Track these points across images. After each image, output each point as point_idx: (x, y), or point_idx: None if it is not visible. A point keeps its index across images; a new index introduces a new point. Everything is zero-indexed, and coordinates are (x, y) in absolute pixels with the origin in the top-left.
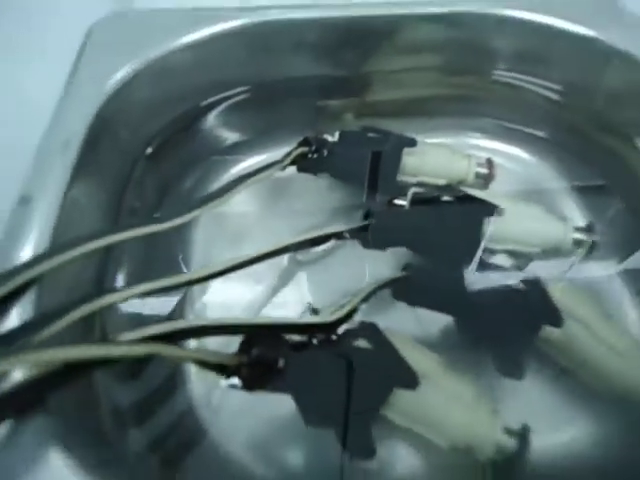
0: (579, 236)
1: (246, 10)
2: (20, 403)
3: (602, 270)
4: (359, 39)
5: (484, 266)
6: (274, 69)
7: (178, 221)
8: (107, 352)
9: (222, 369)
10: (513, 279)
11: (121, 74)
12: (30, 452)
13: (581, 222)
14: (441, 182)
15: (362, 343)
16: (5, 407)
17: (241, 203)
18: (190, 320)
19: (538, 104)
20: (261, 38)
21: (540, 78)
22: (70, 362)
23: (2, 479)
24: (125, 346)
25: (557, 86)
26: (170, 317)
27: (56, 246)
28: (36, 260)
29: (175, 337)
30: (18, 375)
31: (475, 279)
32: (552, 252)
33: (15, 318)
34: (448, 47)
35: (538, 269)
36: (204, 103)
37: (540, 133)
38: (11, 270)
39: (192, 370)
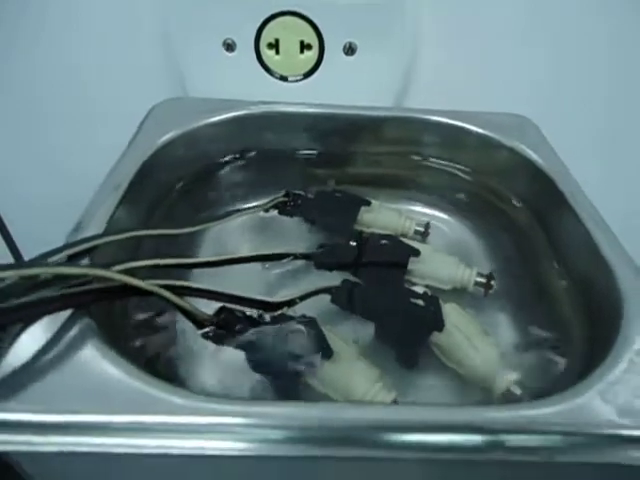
0: (480, 279)
1: (260, 103)
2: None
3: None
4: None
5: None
6: (275, 143)
7: (188, 230)
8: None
9: (198, 322)
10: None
11: (165, 138)
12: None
13: (485, 270)
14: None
15: (299, 326)
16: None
17: (235, 230)
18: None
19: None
20: (267, 121)
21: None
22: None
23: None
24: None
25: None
26: None
27: (105, 232)
28: (93, 237)
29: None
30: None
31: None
32: (460, 290)
33: None
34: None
35: None
36: (221, 160)
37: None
38: (76, 241)
39: None
